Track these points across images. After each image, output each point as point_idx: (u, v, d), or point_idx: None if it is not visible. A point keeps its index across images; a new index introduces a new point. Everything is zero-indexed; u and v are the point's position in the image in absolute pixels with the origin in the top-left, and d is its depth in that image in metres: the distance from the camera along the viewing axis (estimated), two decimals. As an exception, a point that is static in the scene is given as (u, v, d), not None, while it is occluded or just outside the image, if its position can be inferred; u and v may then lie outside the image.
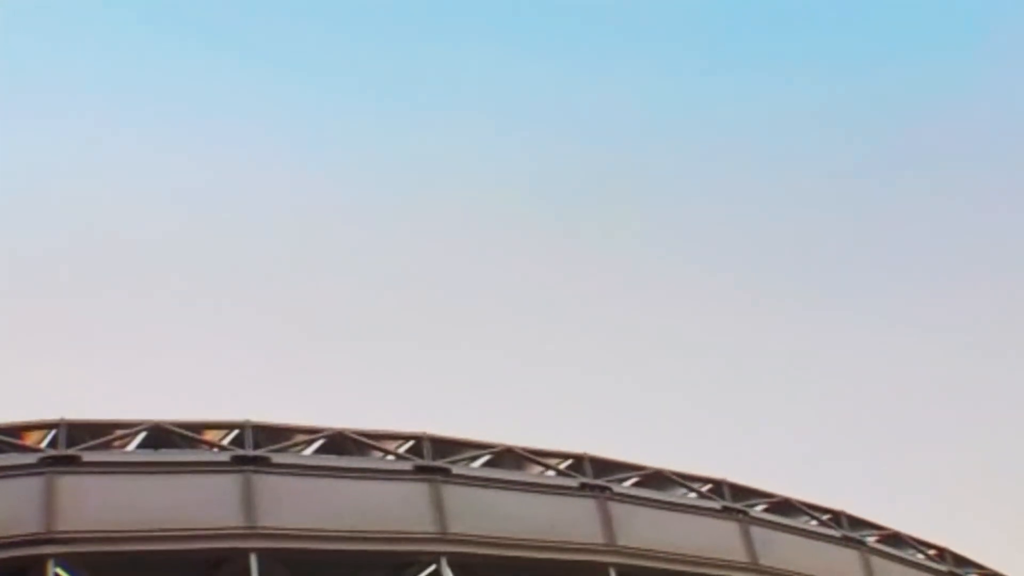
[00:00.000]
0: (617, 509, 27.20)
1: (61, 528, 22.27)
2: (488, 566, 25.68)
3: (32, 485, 22.74)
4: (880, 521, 33.31)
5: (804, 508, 31.35)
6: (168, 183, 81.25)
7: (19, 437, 23.91)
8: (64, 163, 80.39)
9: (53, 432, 23.90)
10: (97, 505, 23.09)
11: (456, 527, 25.04)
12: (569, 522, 26.47)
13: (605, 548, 26.35)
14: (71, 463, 23.32)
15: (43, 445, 23.78)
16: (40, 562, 21.77)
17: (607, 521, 26.77)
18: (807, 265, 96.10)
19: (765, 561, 28.50)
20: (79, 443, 23.84)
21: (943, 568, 33.86)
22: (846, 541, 31.39)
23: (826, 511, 31.90)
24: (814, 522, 31.51)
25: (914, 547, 33.86)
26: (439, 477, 25.69)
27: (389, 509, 25.10)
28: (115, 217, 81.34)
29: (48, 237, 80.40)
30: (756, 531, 29.09)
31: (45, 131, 78.27)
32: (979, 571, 34.97)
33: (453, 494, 25.53)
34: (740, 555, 28.35)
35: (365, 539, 24.73)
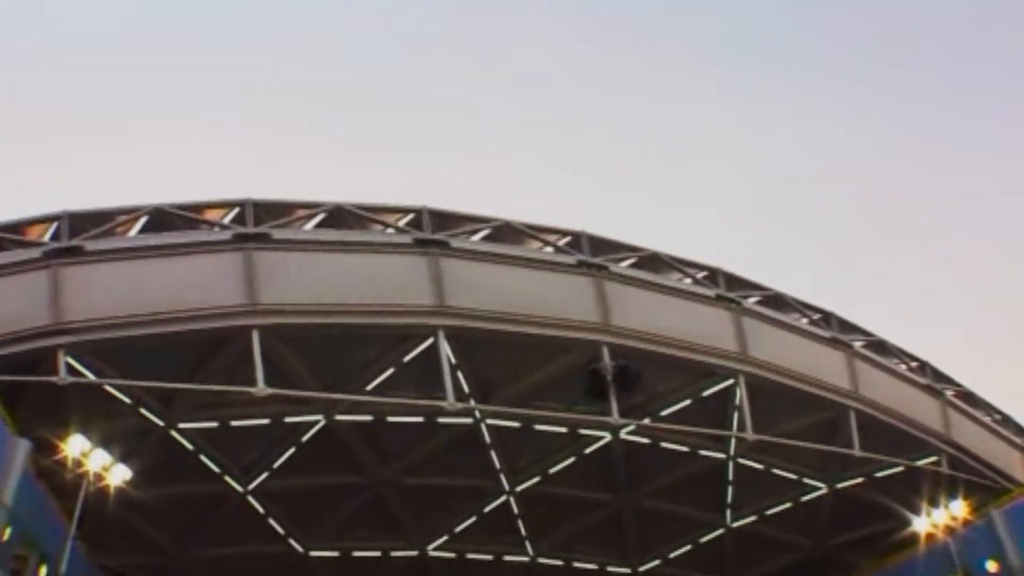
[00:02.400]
0: (613, 289, 27.36)
1: (69, 319, 22.89)
2: (484, 339, 26.17)
3: (38, 279, 23.14)
4: (868, 328, 33.45)
5: (796, 305, 31.50)
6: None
7: (22, 233, 24.12)
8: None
9: (56, 224, 24.18)
10: (103, 293, 23.51)
11: (454, 300, 25.33)
12: (565, 299, 26.63)
13: (599, 327, 26.69)
14: (75, 254, 23.65)
15: (46, 238, 24.04)
16: (51, 354, 22.49)
17: (602, 300, 27.00)
18: (813, 66, 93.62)
19: (754, 352, 28.81)
20: (82, 233, 24.04)
21: (922, 380, 34.18)
22: (834, 342, 31.58)
23: (817, 310, 32.06)
24: (805, 320, 31.68)
25: (897, 357, 34.13)
26: (438, 250, 25.72)
27: (388, 282, 25.25)
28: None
29: (42, 30, 78.91)
30: (747, 322, 29.25)
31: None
32: (955, 388, 35.36)
33: (451, 267, 25.66)
34: (730, 344, 28.64)
35: (364, 312, 25.06)
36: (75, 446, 23.09)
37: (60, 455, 22.80)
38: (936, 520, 30.13)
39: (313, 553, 34.70)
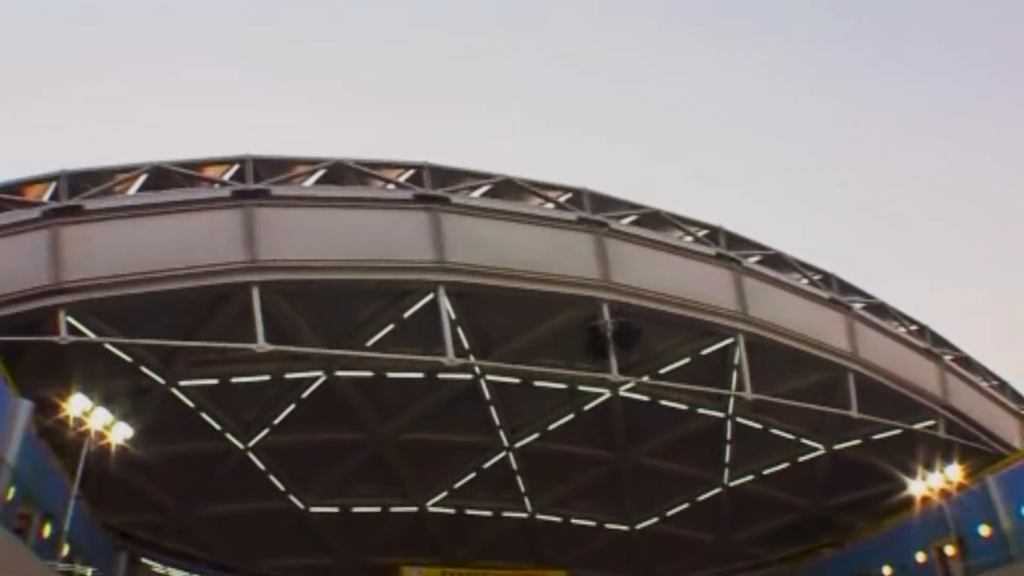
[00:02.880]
0: (613, 246, 27.20)
1: (69, 278, 22.76)
2: (484, 295, 26.09)
3: (38, 239, 22.95)
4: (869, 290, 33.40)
5: (796, 265, 31.36)
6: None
7: (21, 193, 23.84)
8: None
9: (55, 184, 23.94)
10: (103, 252, 23.33)
11: (454, 256, 25.18)
12: (565, 256, 26.46)
13: (599, 284, 26.61)
14: (74, 213, 23.44)
15: (45, 198, 23.81)
16: (52, 313, 22.41)
17: (603, 257, 26.86)
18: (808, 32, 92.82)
19: (753, 312, 28.76)
20: (81, 192, 23.83)
21: (921, 344, 34.15)
22: (833, 303, 31.51)
23: (817, 271, 31.94)
24: (804, 280, 31.55)
25: (897, 320, 34.08)
26: (438, 206, 25.53)
27: (388, 238, 25.09)
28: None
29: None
30: (747, 281, 29.17)
31: None
32: (954, 352, 35.34)
33: (452, 223, 25.48)
34: (729, 303, 28.57)
35: (364, 268, 24.88)
36: (77, 405, 22.88)
37: (62, 414, 22.60)
38: (931, 484, 30.12)
39: (313, 508, 35.08)
